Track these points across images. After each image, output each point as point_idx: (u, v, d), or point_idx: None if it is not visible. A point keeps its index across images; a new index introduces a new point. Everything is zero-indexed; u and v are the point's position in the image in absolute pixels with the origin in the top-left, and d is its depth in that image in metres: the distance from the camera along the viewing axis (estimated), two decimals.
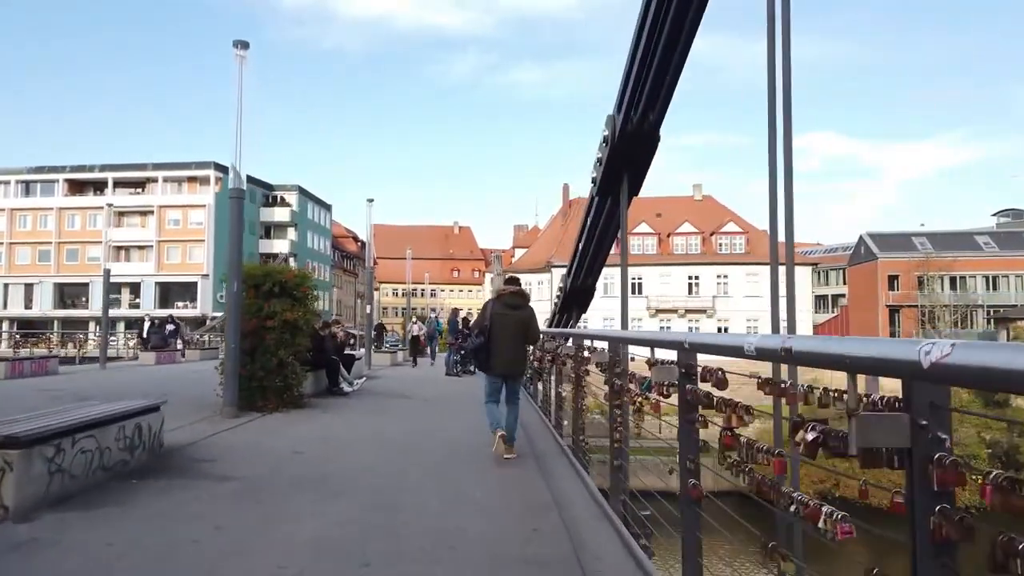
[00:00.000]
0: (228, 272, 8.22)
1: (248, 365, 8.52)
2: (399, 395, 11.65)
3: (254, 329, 8.55)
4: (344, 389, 11.20)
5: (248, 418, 8.02)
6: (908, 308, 54.43)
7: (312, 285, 9.34)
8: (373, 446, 6.65)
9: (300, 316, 8.95)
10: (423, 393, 12.12)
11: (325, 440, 6.82)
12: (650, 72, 5.17)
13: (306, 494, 4.66)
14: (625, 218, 5.97)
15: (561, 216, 58.37)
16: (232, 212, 8.18)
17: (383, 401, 10.71)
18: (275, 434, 7.09)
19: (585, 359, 5.76)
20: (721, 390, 2.59)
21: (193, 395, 9.44)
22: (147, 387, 11.45)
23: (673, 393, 3.18)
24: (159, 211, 56.35)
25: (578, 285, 8.63)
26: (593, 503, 4.51)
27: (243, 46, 8.22)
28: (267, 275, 8.79)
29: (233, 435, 6.93)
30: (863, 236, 59.27)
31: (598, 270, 8.17)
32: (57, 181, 57.70)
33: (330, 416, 8.65)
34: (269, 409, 8.56)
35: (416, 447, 6.59)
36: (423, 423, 8.28)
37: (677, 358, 3.02)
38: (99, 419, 4.95)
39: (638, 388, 3.83)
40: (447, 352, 17.25)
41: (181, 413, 8.05)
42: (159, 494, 4.57)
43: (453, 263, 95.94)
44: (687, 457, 2.93)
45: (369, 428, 7.80)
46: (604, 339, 4.83)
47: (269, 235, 63.26)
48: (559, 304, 9.60)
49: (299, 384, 9.12)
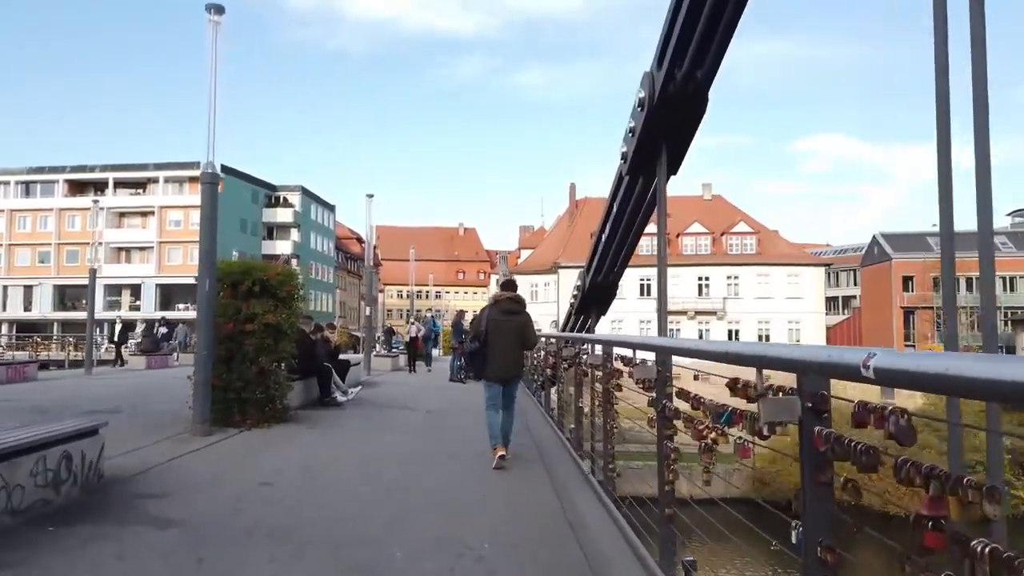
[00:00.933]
0: (200, 268, 7.20)
1: (224, 375, 7.49)
2: (398, 405, 10.58)
3: (231, 334, 7.52)
4: (337, 399, 10.15)
5: (221, 436, 6.99)
6: (923, 310, 53.19)
7: (298, 284, 8.30)
8: (361, 476, 5.58)
9: (284, 319, 7.91)
10: (425, 403, 11.07)
11: (305, 467, 5.75)
12: (701, 13, 4.11)
13: (263, 548, 3.61)
14: (664, 200, 4.90)
15: (568, 216, 57.25)
16: (204, 199, 7.15)
17: (379, 413, 9.65)
18: (246, 458, 6.04)
19: (615, 371, 4.71)
20: (905, 445, 1.53)
21: (167, 407, 8.42)
22: (122, 397, 10.43)
23: (782, 434, 2.12)
24: (160, 212, 55.53)
25: (599, 282, 7.56)
26: (640, 568, 3.40)
27: (217, 11, 7.21)
28: (246, 272, 7.76)
29: (196, 460, 5.88)
30: (876, 236, 57.97)
31: (623, 264, 7.09)
32: (57, 182, 56.93)
33: (316, 433, 7.60)
34: (247, 425, 7.52)
35: (414, 479, 5.51)
36: (423, 443, 7.22)
37: (798, 385, 1.96)
38: (9, 449, 3.91)
39: (709, 418, 2.78)
40: (451, 356, 16.19)
41: (145, 430, 7.04)
42: (74, 548, 3.52)
43: (458, 265, 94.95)
44: (817, 540, 1.87)
45: (359, 450, 6.73)
46: (649, 349, 3.75)
47: (272, 236, 62.36)
48: (576, 305, 8.52)
49: (283, 395, 8.07)
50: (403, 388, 13.75)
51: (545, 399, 10.32)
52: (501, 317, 6.12)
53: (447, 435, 7.76)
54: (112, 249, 56.39)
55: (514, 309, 6.21)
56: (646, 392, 3.78)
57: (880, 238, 57.10)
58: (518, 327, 6.13)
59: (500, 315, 6.13)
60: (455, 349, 15.92)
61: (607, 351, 4.80)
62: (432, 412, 9.82)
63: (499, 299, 6.28)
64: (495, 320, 6.10)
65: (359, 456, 6.41)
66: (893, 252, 55.01)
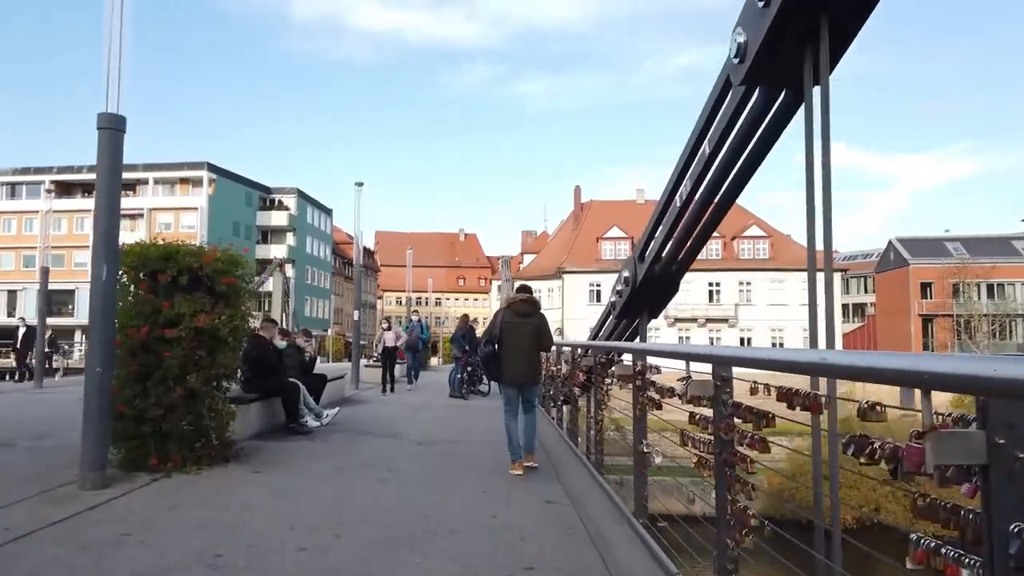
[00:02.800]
0: (95, 250, 5.11)
1: (136, 399, 5.39)
2: (383, 432, 8.41)
3: (145, 342, 5.42)
4: (308, 425, 8.02)
5: (123, 488, 4.87)
6: (942, 317, 51.09)
7: (245, 274, 6.19)
8: (316, 571, 3.44)
9: (224, 322, 5.80)
10: (417, 427, 8.93)
11: (224, 553, 3.61)
12: None
13: None
14: (827, 120, 2.80)
15: (572, 220, 55.14)
16: (102, 151, 5.04)
17: (357, 445, 7.49)
18: (137, 534, 3.89)
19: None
20: None
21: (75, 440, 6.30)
22: (34, 422, 8.32)
23: None
24: (149, 214, 53.43)
25: (657, 270, 5.43)
26: None
27: None
28: (169, 257, 5.66)
29: (54, 538, 3.75)
30: (892, 241, 55.89)
31: (703, 239, 4.96)
32: (43, 183, 54.79)
33: (264, 481, 5.46)
34: (168, 469, 5.41)
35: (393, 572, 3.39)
36: (414, 498, 5.05)
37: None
38: None
39: None
40: (452, 368, 14.02)
41: (23, 477, 4.96)
42: None
43: (459, 271, 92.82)
44: None
45: (319, 513, 4.55)
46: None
47: (266, 240, 60.29)
48: (622, 303, 6.37)
49: (223, 427, 5.94)
50: (391, 407, 11.56)
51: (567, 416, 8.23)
52: (516, 319, 6.07)
53: (447, 481, 5.61)
54: None
55: (529, 311, 6.15)
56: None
57: (896, 243, 55.00)
58: (533, 329, 6.07)
59: (515, 317, 6.09)
60: (457, 360, 13.77)
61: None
62: (425, 443, 7.66)
63: (513, 301, 6.29)
64: (510, 323, 6.06)
65: (317, 522, 4.24)
66: (911, 257, 52.94)
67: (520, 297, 6.24)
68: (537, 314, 6.18)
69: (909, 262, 53.03)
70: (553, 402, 9.70)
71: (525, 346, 6.00)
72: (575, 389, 7.39)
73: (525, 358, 6.03)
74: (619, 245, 49.51)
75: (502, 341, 6.02)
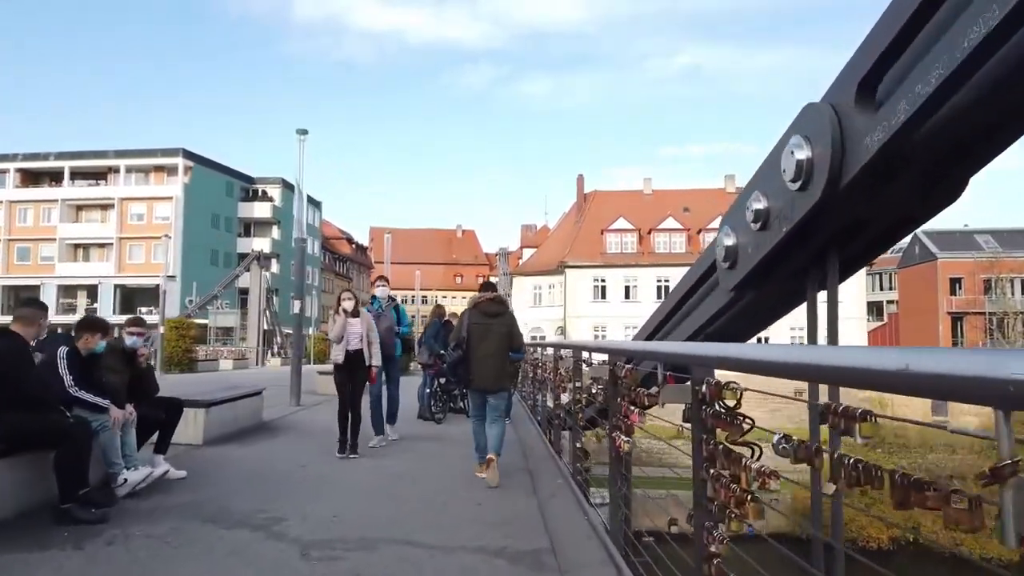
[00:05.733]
0: None
1: None
2: (250, 518, 4.39)
3: None
4: (114, 493, 4.26)
5: None
6: (973, 315, 47.44)
7: None
8: None
9: None
10: (332, 497, 5.17)
11: None
12: None
13: None
14: None
15: (575, 211, 51.33)
16: None
17: (171, 566, 3.68)
18: None
19: None
20: None
21: None
22: None
23: None
24: (120, 204, 49.69)
25: (924, 133, 1.76)
26: None
27: None
28: None
29: None
30: (918, 234, 52.00)
31: None
32: (8, 171, 51.01)
33: None
34: None
35: None
36: None
37: None
38: None
39: None
40: (421, 379, 10.24)
41: None
42: None
43: (456, 268, 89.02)
44: None
45: None
46: None
47: (249, 233, 56.56)
48: (791, 228, 2.52)
49: None
50: (305, 444, 7.42)
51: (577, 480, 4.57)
52: (483, 320, 5.75)
53: None
54: (68, 246, 50.68)
55: (497, 311, 5.83)
56: None
57: (922, 236, 51.17)
58: (503, 328, 5.77)
59: (482, 318, 5.76)
60: (427, 368, 10.00)
61: None
62: (322, 552, 3.88)
63: (479, 301, 5.89)
64: (476, 324, 5.74)
65: None
66: (938, 251, 49.24)
67: (487, 296, 5.92)
68: (507, 313, 5.95)
69: (937, 256, 49.35)
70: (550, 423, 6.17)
71: (494, 349, 5.68)
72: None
73: (495, 362, 5.69)
74: (625, 238, 45.75)
75: (469, 344, 5.69)
